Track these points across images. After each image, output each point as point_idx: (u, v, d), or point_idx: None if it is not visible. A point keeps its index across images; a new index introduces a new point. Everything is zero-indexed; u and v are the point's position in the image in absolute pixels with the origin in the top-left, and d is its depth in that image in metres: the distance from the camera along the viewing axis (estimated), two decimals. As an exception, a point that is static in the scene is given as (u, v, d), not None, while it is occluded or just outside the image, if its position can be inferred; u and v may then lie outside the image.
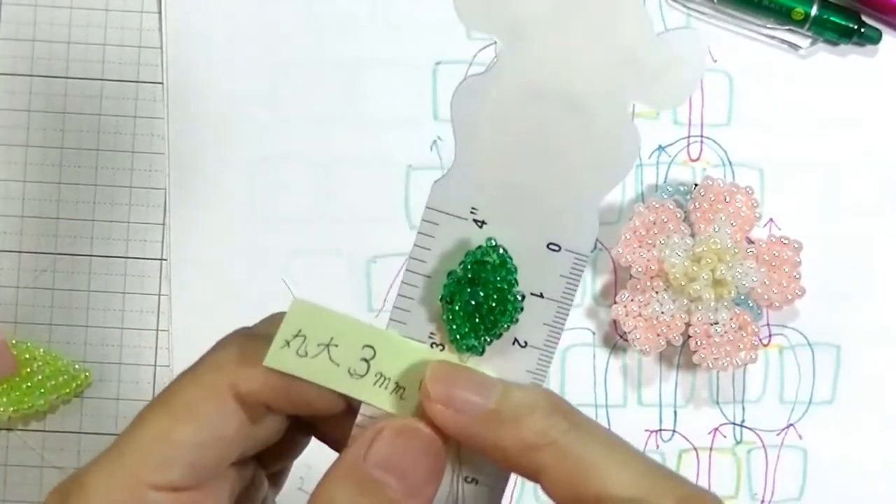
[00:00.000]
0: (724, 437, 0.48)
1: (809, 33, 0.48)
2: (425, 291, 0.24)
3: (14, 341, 0.46)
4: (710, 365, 0.45)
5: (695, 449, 0.47)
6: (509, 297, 0.23)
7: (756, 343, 0.45)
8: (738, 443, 0.48)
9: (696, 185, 0.46)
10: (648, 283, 0.45)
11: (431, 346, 0.24)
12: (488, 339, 0.24)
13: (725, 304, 0.44)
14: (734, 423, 0.48)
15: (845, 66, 0.48)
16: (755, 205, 0.45)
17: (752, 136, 0.48)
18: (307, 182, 0.47)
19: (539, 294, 0.23)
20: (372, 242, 0.47)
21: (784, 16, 0.47)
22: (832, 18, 0.47)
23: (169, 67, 0.48)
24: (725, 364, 0.45)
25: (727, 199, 0.45)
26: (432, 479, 0.24)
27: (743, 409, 0.48)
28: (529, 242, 0.23)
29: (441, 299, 0.23)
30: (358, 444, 0.24)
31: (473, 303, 0.23)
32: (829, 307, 0.48)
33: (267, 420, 0.26)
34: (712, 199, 0.45)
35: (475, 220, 0.23)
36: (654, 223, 0.45)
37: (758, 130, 0.48)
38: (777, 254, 0.45)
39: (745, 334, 0.45)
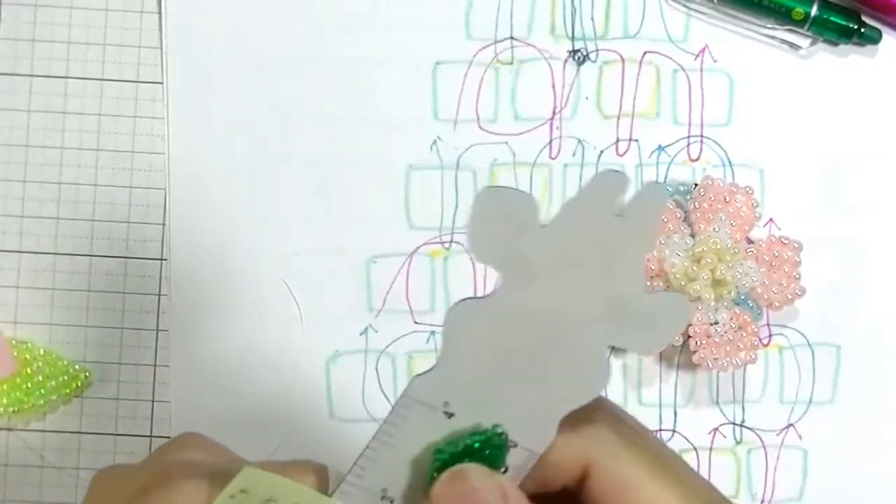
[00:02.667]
0: (724, 437, 0.48)
1: (809, 33, 0.48)
2: (386, 454, 0.26)
3: (14, 341, 0.46)
4: (710, 365, 0.45)
5: (695, 449, 0.47)
6: (495, 467, 0.25)
7: (756, 343, 0.45)
8: (737, 443, 0.48)
9: (696, 185, 0.46)
10: (648, 283, 0.45)
11: (381, 499, 0.26)
12: None
13: (725, 304, 0.44)
14: (734, 423, 0.48)
15: (845, 66, 0.48)
16: (755, 205, 0.45)
17: (752, 136, 0.48)
18: (307, 182, 0.48)
19: (505, 469, 0.26)
20: (372, 242, 0.47)
21: (784, 16, 0.47)
22: (832, 18, 0.47)
23: (169, 67, 0.48)
24: (725, 364, 0.45)
25: (727, 199, 0.45)
26: None
27: (743, 409, 0.48)
28: (497, 424, 0.26)
29: (434, 462, 0.25)
30: None
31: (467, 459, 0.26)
32: (829, 307, 0.48)
33: None
34: (712, 199, 0.45)
35: (445, 412, 0.25)
36: (654, 223, 0.45)
37: (758, 130, 0.48)
38: (777, 254, 0.45)
39: (745, 334, 0.45)
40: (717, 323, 0.45)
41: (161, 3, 0.48)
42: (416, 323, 0.47)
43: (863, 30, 0.47)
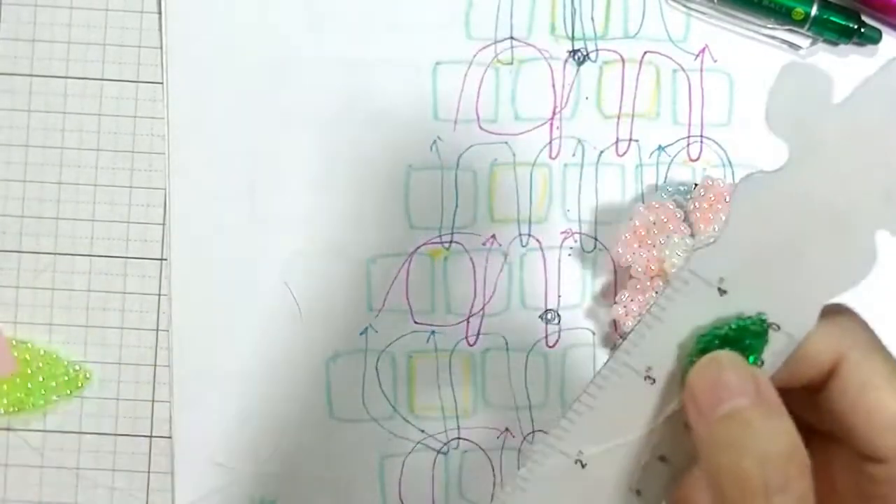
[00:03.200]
0: (724, 437, 0.48)
1: (809, 33, 0.48)
2: (655, 333, 0.27)
3: (14, 341, 0.46)
4: (710, 365, 0.45)
5: (695, 449, 0.47)
6: (751, 360, 0.26)
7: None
8: (738, 443, 0.48)
9: (696, 185, 0.46)
10: (648, 283, 0.45)
11: (645, 378, 0.27)
12: None
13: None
14: (734, 423, 0.48)
15: (845, 66, 0.48)
16: (755, 205, 0.45)
17: (752, 136, 0.48)
18: (307, 181, 0.48)
19: (761, 363, 0.27)
20: (372, 242, 0.47)
21: (784, 16, 0.47)
22: (832, 18, 0.47)
23: (169, 67, 0.48)
24: (725, 364, 0.45)
25: (727, 199, 0.45)
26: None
27: (743, 409, 0.48)
28: (761, 312, 0.26)
29: (696, 344, 0.26)
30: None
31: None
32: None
33: None
34: (712, 199, 0.45)
35: (719, 289, 0.26)
36: (654, 223, 0.45)
37: (758, 130, 0.48)
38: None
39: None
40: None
41: (161, 3, 0.48)
42: (416, 323, 0.47)
43: (863, 30, 0.47)
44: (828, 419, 0.27)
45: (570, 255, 0.48)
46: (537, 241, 0.48)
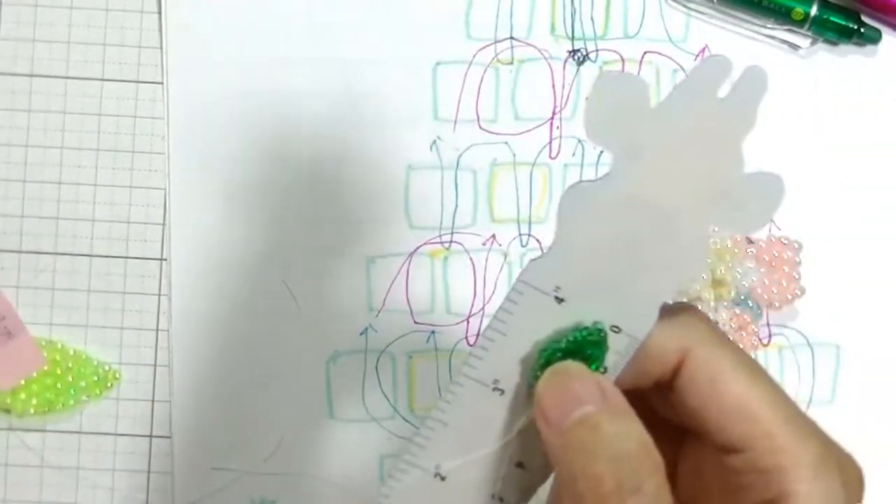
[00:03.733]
0: (724, 437, 0.48)
1: (809, 33, 0.48)
2: (499, 346, 0.27)
3: (44, 341, 0.46)
4: (710, 365, 0.45)
5: (695, 449, 0.47)
6: (593, 367, 0.27)
7: (756, 343, 0.45)
8: (737, 443, 0.48)
9: (695, 185, 0.46)
10: (648, 283, 0.45)
11: (493, 391, 0.27)
12: None
13: (725, 304, 0.44)
14: (734, 423, 0.48)
15: (845, 66, 0.48)
16: (755, 205, 0.45)
17: (752, 135, 0.48)
18: (307, 182, 0.47)
19: (604, 369, 0.27)
20: (372, 242, 0.47)
21: (784, 16, 0.47)
22: (832, 18, 0.47)
23: (169, 67, 0.48)
24: (725, 364, 0.45)
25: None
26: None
27: (743, 409, 0.48)
28: (602, 323, 0.27)
29: (538, 359, 0.27)
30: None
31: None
32: (829, 307, 0.48)
33: None
34: (712, 199, 0.45)
35: (556, 297, 0.27)
36: (654, 223, 0.45)
37: (758, 130, 0.48)
38: (777, 254, 0.45)
39: (744, 334, 0.45)
40: (716, 323, 0.45)
41: (161, 3, 0.48)
42: (416, 323, 0.47)
43: (863, 30, 0.47)
44: (685, 415, 0.27)
45: (570, 255, 0.48)
46: (537, 241, 0.48)
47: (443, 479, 0.27)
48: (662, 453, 0.25)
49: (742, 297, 0.45)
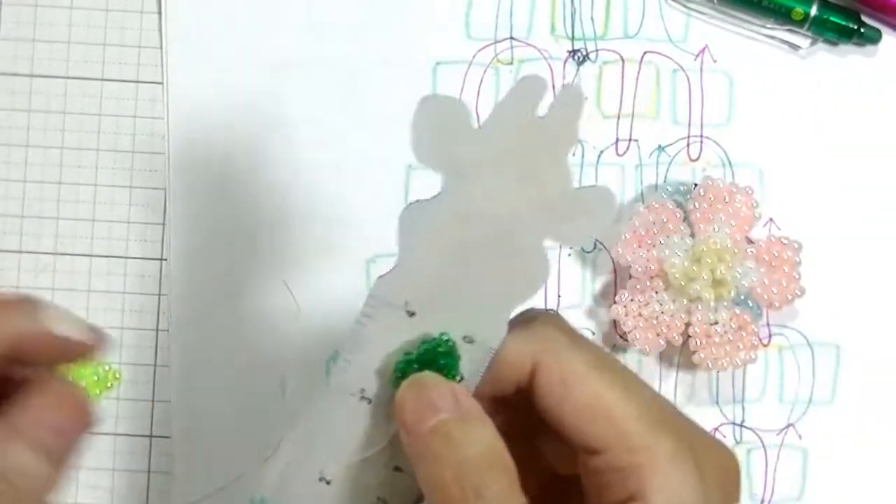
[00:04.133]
0: (724, 436, 0.48)
1: (809, 33, 0.48)
2: (359, 358, 0.28)
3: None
4: (710, 365, 0.45)
5: (695, 449, 0.47)
6: (450, 376, 0.28)
7: (756, 343, 0.45)
8: (737, 443, 0.48)
9: (695, 185, 0.46)
10: (648, 283, 0.45)
11: (361, 399, 0.28)
12: None
13: (725, 304, 0.44)
14: (734, 423, 0.48)
15: (845, 66, 0.48)
16: (755, 205, 0.45)
17: (752, 136, 0.48)
18: (307, 182, 0.48)
19: (460, 378, 0.28)
20: (372, 242, 0.47)
21: (784, 16, 0.47)
22: (832, 18, 0.47)
23: (169, 68, 0.48)
24: (725, 364, 0.45)
25: (727, 199, 0.45)
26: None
27: (743, 409, 0.48)
28: (450, 334, 0.28)
29: (395, 371, 0.28)
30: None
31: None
32: (829, 307, 0.48)
33: None
34: (712, 199, 0.45)
35: (407, 311, 0.28)
36: (654, 223, 0.45)
37: (758, 130, 0.48)
38: (777, 254, 0.45)
39: (744, 334, 0.45)
40: (716, 323, 0.45)
41: (161, 3, 0.48)
42: (416, 323, 0.47)
43: (862, 30, 0.47)
44: (549, 421, 0.28)
45: (570, 255, 0.48)
46: (537, 241, 0.48)
47: (328, 482, 0.29)
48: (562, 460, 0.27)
49: (742, 297, 0.45)
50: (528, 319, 0.29)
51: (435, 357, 0.27)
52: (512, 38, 0.48)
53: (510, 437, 0.28)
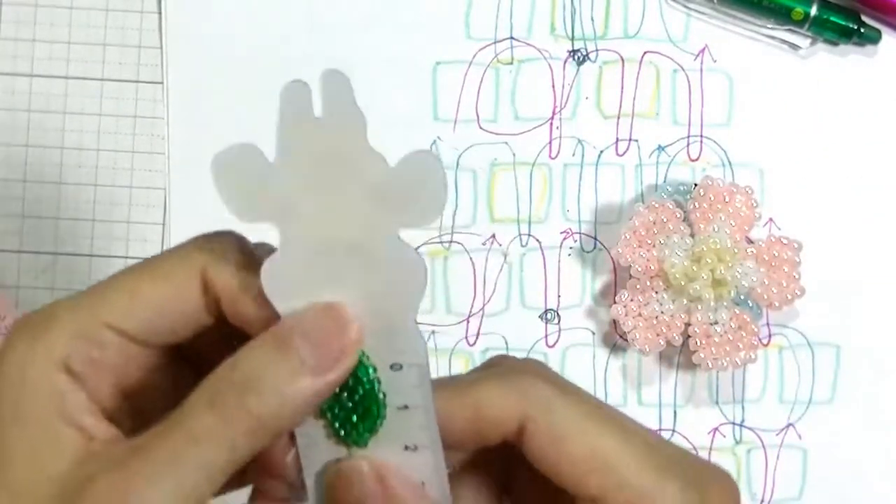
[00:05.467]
0: (724, 436, 0.48)
1: (809, 33, 0.48)
2: (303, 429, 0.27)
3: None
4: (710, 365, 0.45)
5: (694, 449, 0.47)
6: (374, 393, 0.27)
7: (756, 343, 0.45)
8: (737, 443, 0.48)
9: (695, 185, 0.46)
10: (648, 283, 0.45)
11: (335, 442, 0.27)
12: (367, 434, 0.27)
13: (725, 304, 0.44)
14: (734, 423, 0.48)
15: (845, 66, 0.48)
16: (755, 205, 0.45)
17: (752, 136, 0.48)
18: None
19: (405, 406, 0.26)
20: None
21: (784, 16, 0.47)
22: (832, 18, 0.47)
23: (169, 67, 0.48)
24: (725, 364, 0.45)
25: (727, 199, 0.45)
26: (342, 357, 0.25)
27: (742, 408, 0.48)
28: (376, 368, 0.26)
29: (333, 422, 0.27)
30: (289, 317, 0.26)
31: (350, 404, 0.27)
32: (829, 307, 0.48)
33: (207, 318, 0.27)
34: (712, 199, 0.45)
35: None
36: (654, 223, 0.45)
37: (758, 130, 0.48)
38: (777, 254, 0.45)
39: (744, 334, 0.45)
40: (716, 323, 0.45)
41: (161, 3, 0.48)
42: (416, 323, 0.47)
43: (862, 30, 0.47)
44: (545, 471, 0.27)
45: (569, 255, 0.48)
46: (537, 241, 0.48)
47: None
48: None
49: (742, 297, 0.45)
50: (508, 370, 0.27)
51: (368, 403, 0.26)
52: (512, 37, 0.48)
53: (499, 484, 0.27)
